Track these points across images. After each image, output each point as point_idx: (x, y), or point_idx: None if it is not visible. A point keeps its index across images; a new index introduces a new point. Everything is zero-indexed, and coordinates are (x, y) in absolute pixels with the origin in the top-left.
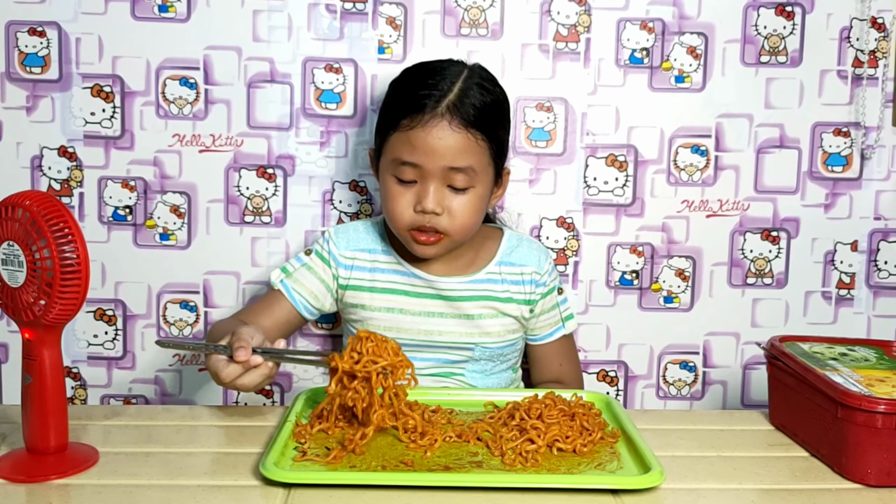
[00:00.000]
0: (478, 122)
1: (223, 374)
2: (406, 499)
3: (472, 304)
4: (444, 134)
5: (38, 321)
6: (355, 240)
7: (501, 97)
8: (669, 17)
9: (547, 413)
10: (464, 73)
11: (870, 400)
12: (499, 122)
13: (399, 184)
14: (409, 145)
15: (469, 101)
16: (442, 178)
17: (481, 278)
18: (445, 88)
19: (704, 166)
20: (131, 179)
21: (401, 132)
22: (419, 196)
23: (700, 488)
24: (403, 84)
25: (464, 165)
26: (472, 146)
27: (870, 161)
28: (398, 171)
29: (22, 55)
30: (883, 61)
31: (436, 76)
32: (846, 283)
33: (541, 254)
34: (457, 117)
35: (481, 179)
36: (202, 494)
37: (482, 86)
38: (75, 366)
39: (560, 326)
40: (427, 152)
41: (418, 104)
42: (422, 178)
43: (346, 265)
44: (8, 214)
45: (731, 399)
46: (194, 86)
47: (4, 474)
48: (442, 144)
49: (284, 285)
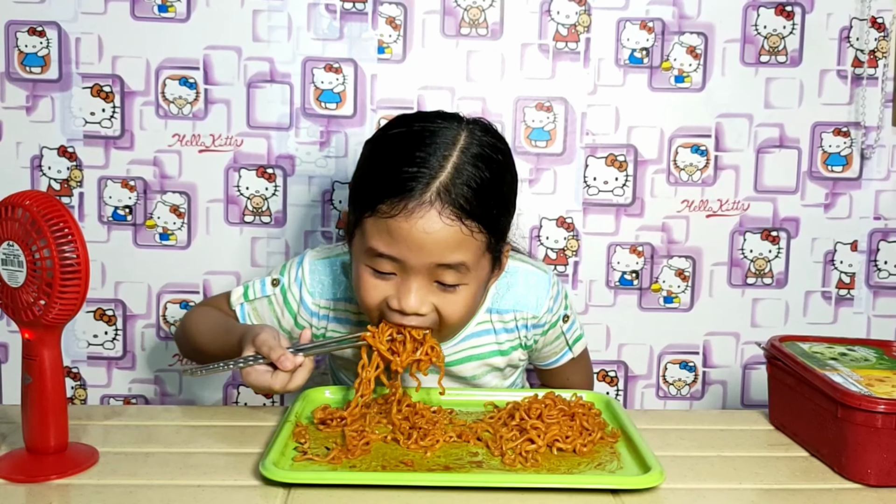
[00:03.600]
0: (474, 209)
1: (276, 386)
2: (406, 499)
3: (464, 366)
4: (433, 227)
5: (38, 321)
6: (331, 286)
7: (504, 165)
8: (669, 17)
9: (547, 413)
10: (460, 141)
11: (870, 400)
12: (500, 206)
13: (375, 275)
14: (387, 236)
15: (464, 181)
16: (428, 274)
17: (470, 332)
18: (436, 166)
19: (704, 166)
20: (131, 179)
21: (379, 218)
22: (399, 292)
23: (700, 488)
24: (384, 154)
25: (455, 262)
26: (467, 241)
27: (870, 161)
28: (374, 262)
29: (22, 55)
30: (883, 61)
31: (424, 147)
32: (846, 283)
33: (539, 290)
34: (448, 206)
35: (476, 275)
36: (202, 494)
37: (481, 156)
38: (75, 366)
39: (566, 352)
40: (410, 247)
41: (401, 187)
42: (403, 273)
43: (322, 315)
44: (8, 214)
45: (731, 399)
46: (194, 86)
47: (4, 474)
48: (430, 239)
49: (242, 310)
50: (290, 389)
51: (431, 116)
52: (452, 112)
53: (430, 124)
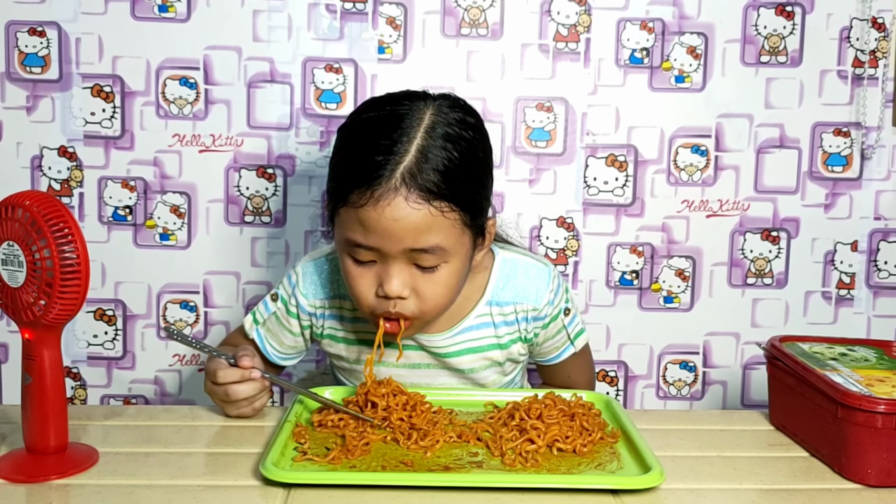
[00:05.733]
0: (442, 190)
1: (220, 374)
2: (406, 499)
3: (461, 358)
4: (401, 213)
5: (38, 321)
6: (323, 285)
7: (474, 141)
8: (669, 17)
9: (547, 413)
10: (425, 121)
11: (870, 400)
12: (472, 182)
13: (357, 265)
14: (360, 226)
15: (430, 164)
16: (406, 258)
17: (469, 325)
18: (401, 151)
19: (704, 166)
20: (131, 179)
21: (350, 208)
22: (381, 278)
23: (700, 488)
24: (352, 142)
25: (429, 245)
26: (438, 221)
27: (870, 161)
28: (353, 251)
29: (22, 55)
30: (883, 61)
31: (389, 130)
32: (846, 283)
33: (539, 283)
34: (415, 189)
35: (455, 253)
36: (202, 494)
37: (448, 136)
38: (75, 366)
39: (568, 346)
40: (382, 236)
41: (368, 176)
42: (381, 259)
43: (318, 314)
44: (8, 214)
45: (731, 399)
46: (194, 86)
47: (4, 474)
48: (399, 226)
49: (259, 335)
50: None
51: (399, 98)
52: (421, 91)
53: (398, 107)
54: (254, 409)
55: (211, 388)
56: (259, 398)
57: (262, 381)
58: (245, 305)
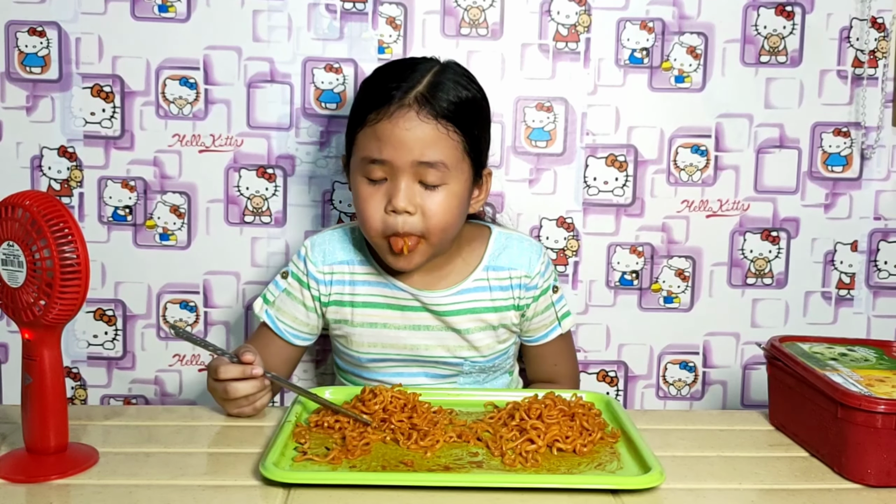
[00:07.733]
0: (449, 113)
1: (221, 370)
2: (406, 499)
3: (459, 318)
4: (412, 124)
5: (38, 321)
6: (331, 252)
7: (478, 94)
8: (669, 17)
9: (547, 413)
10: (436, 68)
11: (870, 400)
12: (473, 117)
13: (369, 184)
14: (375, 140)
15: (440, 93)
16: (413, 174)
17: (468, 287)
18: (415, 80)
19: (704, 166)
20: (131, 179)
21: (368, 127)
22: (389, 194)
23: (700, 488)
24: (372, 80)
25: (434, 160)
26: (443, 138)
27: (870, 161)
28: (367, 170)
29: (22, 55)
30: (883, 61)
31: (406, 70)
32: (846, 283)
33: (532, 254)
34: (425, 107)
35: (455, 176)
36: (202, 494)
37: (456, 81)
38: (75, 366)
39: (555, 326)
40: (394, 145)
41: (385, 96)
42: (391, 176)
43: (325, 281)
44: (8, 214)
45: (730, 399)
46: (194, 86)
47: (4, 474)
48: (409, 136)
49: (269, 316)
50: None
51: (415, 57)
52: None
53: (415, 59)
54: (254, 408)
55: (212, 386)
56: (259, 397)
57: (263, 379)
58: (245, 305)
